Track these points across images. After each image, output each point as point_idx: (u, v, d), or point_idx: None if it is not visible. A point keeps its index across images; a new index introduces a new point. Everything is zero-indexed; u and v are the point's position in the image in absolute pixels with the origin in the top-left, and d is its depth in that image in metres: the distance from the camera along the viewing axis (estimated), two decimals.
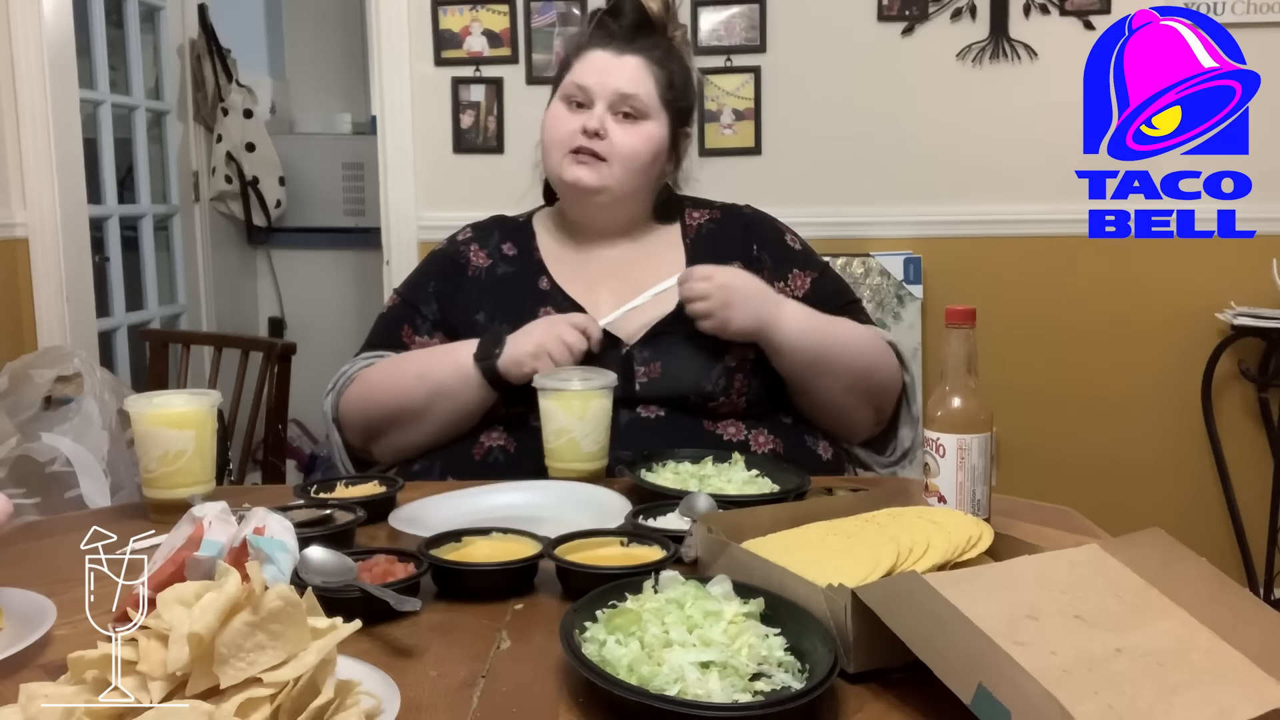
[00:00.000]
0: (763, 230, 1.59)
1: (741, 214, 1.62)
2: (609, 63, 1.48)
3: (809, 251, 1.60)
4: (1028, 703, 0.65)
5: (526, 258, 1.55)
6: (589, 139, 1.46)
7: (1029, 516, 1.16)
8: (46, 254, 2.66)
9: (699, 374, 1.42)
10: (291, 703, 0.62)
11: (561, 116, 1.49)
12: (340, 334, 3.70)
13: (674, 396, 1.42)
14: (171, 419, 1.20)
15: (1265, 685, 0.73)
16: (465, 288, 1.54)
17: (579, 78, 1.48)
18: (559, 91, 1.52)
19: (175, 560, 0.88)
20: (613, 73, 1.47)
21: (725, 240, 1.56)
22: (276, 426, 2.23)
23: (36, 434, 2.16)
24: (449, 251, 1.60)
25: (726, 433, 1.43)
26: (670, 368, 1.43)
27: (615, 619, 0.80)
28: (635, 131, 1.48)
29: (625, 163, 1.47)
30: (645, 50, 1.50)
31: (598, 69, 1.48)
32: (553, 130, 1.50)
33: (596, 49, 1.50)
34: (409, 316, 1.55)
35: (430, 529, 1.05)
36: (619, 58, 1.49)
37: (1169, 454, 2.61)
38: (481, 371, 1.39)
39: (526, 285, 1.52)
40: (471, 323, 1.50)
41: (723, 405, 1.43)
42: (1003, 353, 2.39)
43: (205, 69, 3.52)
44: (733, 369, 1.43)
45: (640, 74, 1.48)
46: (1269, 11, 2.46)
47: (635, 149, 1.47)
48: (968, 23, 2.56)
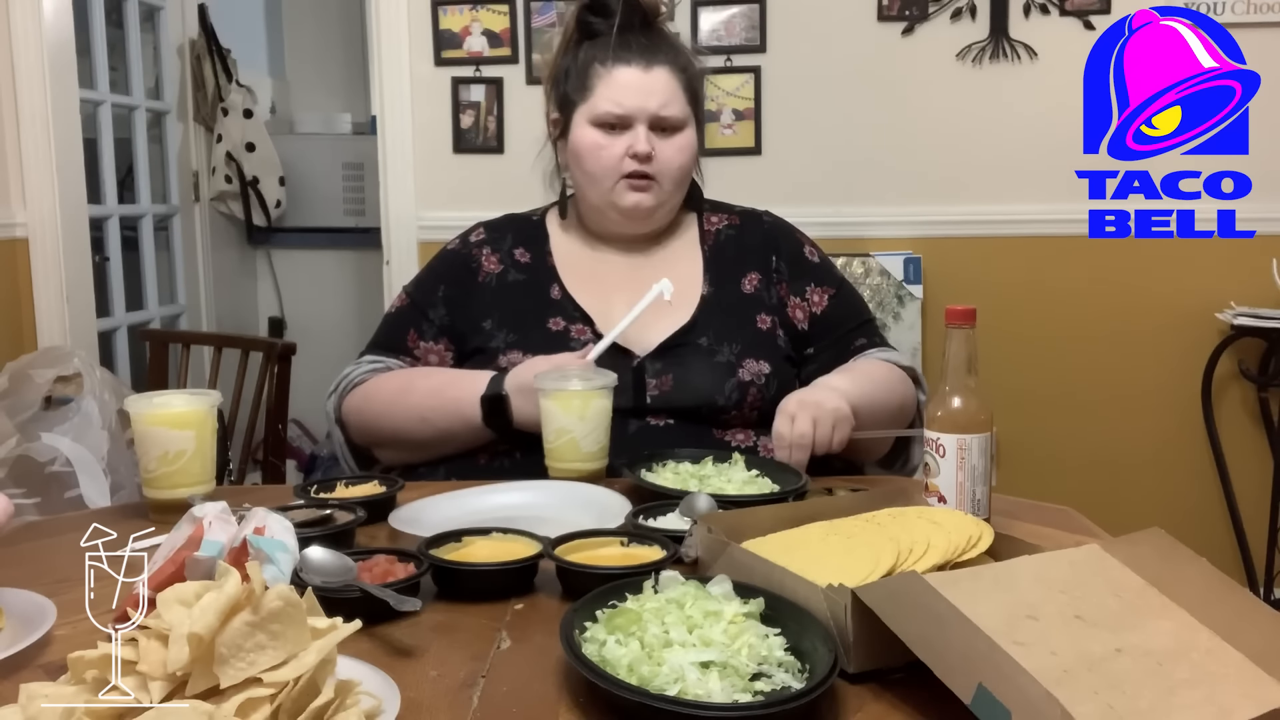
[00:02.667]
0: (782, 241, 1.57)
1: (761, 222, 1.60)
2: (640, 80, 1.45)
3: (828, 265, 1.59)
4: (1028, 703, 0.65)
5: (540, 264, 1.54)
6: (641, 163, 1.44)
7: (1029, 516, 1.16)
8: (46, 254, 2.66)
9: (713, 388, 1.41)
10: (291, 703, 0.62)
11: (602, 143, 1.46)
12: (340, 334, 3.70)
13: (685, 408, 1.42)
14: (171, 419, 1.19)
15: (1265, 685, 0.73)
16: (475, 294, 1.53)
17: (612, 101, 1.45)
18: (588, 114, 1.46)
19: (175, 560, 0.88)
20: (648, 92, 1.45)
21: (744, 250, 1.55)
22: (276, 426, 2.23)
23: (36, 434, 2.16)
24: (461, 253, 1.57)
25: (735, 439, 1.42)
26: (682, 380, 1.42)
27: (615, 619, 0.80)
28: (677, 145, 1.47)
29: (674, 178, 1.47)
30: (669, 59, 1.47)
31: (631, 89, 1.45)
32: (598, 159, 1.46)
33: (621, 65, 1.46)
34: (416, 321, 1.54)
35: (430, 529, 1.05)
36: (648, 73, 1.45)
37: (1169, 454, 2.61)
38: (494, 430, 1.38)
39: (537, 294, 1.51)
40: (479, 330, 1.50)
41: (734, 417, 1.43)
42: (1003, 353, 2.39)
43: (205, 69, 3.52)
44: (746, 384, 1.42)
45: (671, 87, 1.46)
46: (1269, 11, 2.46)
47: (681, 163, 1.47)
48: (968, 23, 2.56)
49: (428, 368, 1.52)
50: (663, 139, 1.46)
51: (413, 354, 1.53)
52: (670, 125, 1.46)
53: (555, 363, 1.35)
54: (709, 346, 1.44)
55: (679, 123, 1.47)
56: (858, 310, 1.58)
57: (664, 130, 1.46)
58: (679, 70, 1.48)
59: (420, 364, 1.53)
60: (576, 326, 1.48)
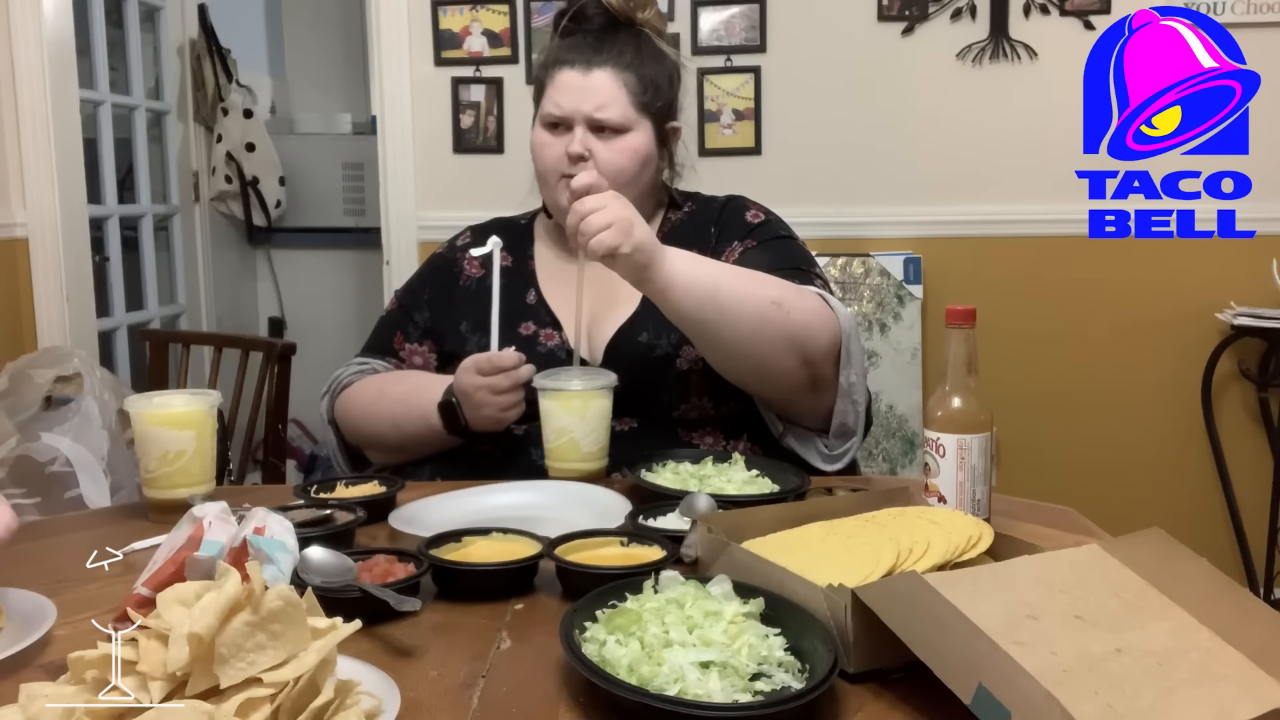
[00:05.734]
0: (727, 212, 1.53)
1: (716, 203, 1.56)
2: (577, 83, 1.44)
3: (769, 226, 1.51)
4: (1028, 703, 0.65)
5: (520, 268, 1.55)
6: (574, 164, 1.43)
7: (1029, 516, 1.16)
8: (46, 254, 2.66)
9: (655, 386, 1.41)
10: (291, 703, 0.62)
11: (546, 142, 1.46)
12: (340, 334, 3.70)
13: (641, 409, 1.41)
14: (171, 419, 1.20)
15: (1265, 685, 0.73)
16: (455, 297, 1.54)
17: (553, 101, 1.45)
18: (539, 115, 1.48)
19: (175, 560, 0.88)
20: (583, 94, 1.43)
21: (691, 232, 1.51)
22: (276, 426, 2.23)
23: (36, 434, 2.16)
24: (446, 257, 1.60)
25: (704, 443, 1.42)
26: (631, 381, 1.39)
27: (615, 619, 0.80)
28: (618, 147, 1.44)
29: (614, 179, 1.42)
30: (612, 58, 1.45)
31: (568, 91, 1.44)
32: (540, 158, 1.47)
33: (565, 68, 1.45)
34: (402, 323, 1.57)
35: (430, 529, 1.05)
36: (586, 75, 1.44)
37: (1169, 454, 2.61)
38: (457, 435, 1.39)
39: (514, 297, 1.51)
40: (456, 333, 1.51)
41: (690, 411, 1.42)
42: (1003, 353, 2.39)
43: (205, 69, 3.52)
44: (685, 372, 1.41)
45: (610, 88, 1.43)
46: (1269, 11, 2.46)
47: (620, 165, 1.44)
48: (968, 23, 2.56)
49: (401, 373, 1.54)
50: (602, 140, 1.44)
51: (399, 356, 1.56)
52: (610, 127, 1.44)
53: (470, 362, 1.34)
54: (649, 341, 1.43)
55: (620, 125, 1.44)
56: (788, 257, 1.45)
57: (603, 131, 1.44)
58: (625, 69, 1.45)
59: (406, 366, 1.56)
60: (546, 331, 1.48)
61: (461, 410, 1.36)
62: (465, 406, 1.35)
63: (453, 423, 1.38)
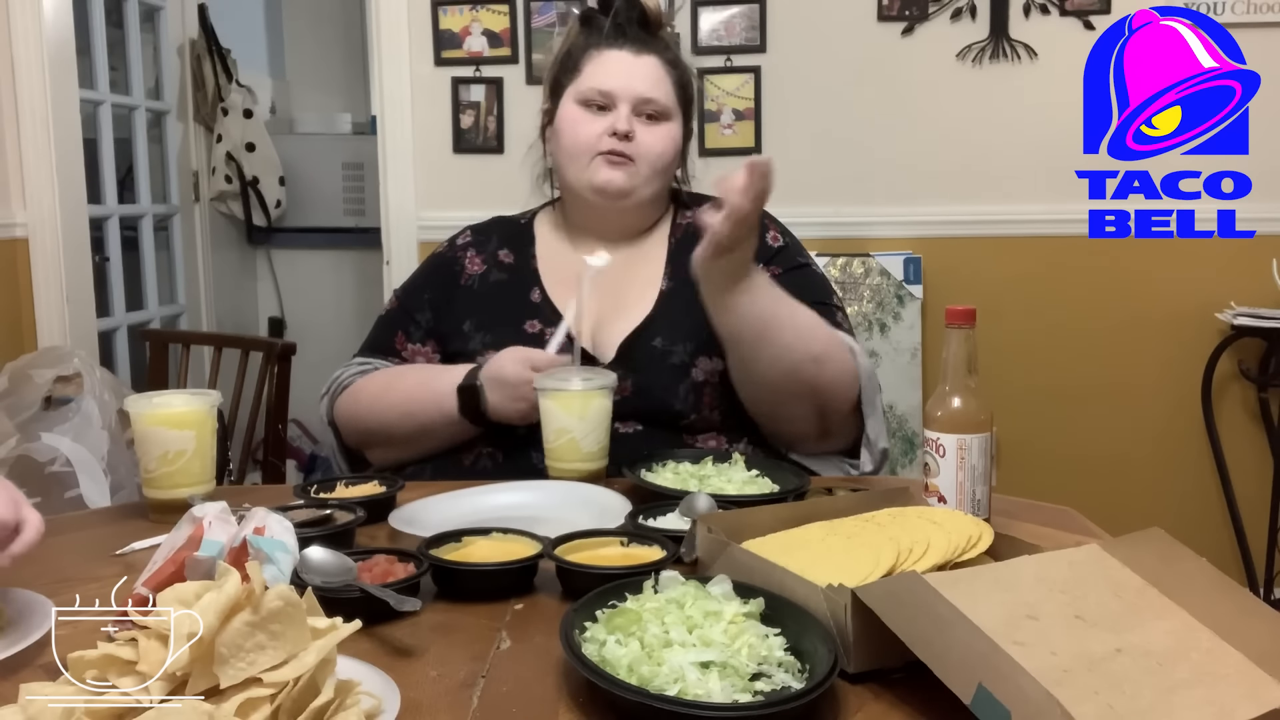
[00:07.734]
0: None
1: None
2: (629, 64, 1.45)
3: (790, 251, 1.52)
4: (1028, 703, 0.65)
5: (523, 266, 1.54)
6: (619, 141, 1.43)
7: (1029, 516, 1.16)
8: (46, 254, 2.66)
9: (667, 392, 1.41)
10: (291, 703, 0.62)
11: (583, 119, 1.45)
12: (340, 334, 3.69)
13: (648, 413, 1.41)
14: (171, 419, 1.19)
15: (1265, 685, 0.73)
16: (458, 297, 1.54)
17: (598, 80, 1.45)
18: (574, 94, 1.47)
19: (175, 560, 0.88)
20: (634, 74, 1.45)
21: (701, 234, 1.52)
22: (276, 426, 2.23)
23: (36, 434, 2.16)
24: (447, 257, 1.59)
25: (707, 446, 1.41)
26: (640, 386, 1.40)
27: (615, 619, 0.80)
28: (660, 132, 1.45)
29: (653, 164, 1.45)
30: (660, 50, 1.48)
31: (618, 71, 1.45)
32: (575, 135, 1.45)
33: (612, 49, 1.46)
34: (403, 323, 1.56)
35: (430, 529, 1.05)
36: (637, 58, 1.46)
37: (1169, 454, 2.62)
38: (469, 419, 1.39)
39: (518, 296, 1.51)
40: (459, 332, 1.51)
41: (697, 421, 1.42)
42: (1003, 353, 2.39)
43: (205, 69, 3.52)
44: (701, 384, 1.41)
45: (659, 75, 1.46)
46: (1269, 11, 2.46)
47: (662, 149, 1.45)
48: (968, 23, 2.56)
49: (408, 365, 1.54)
50: (645, 125, 1.45)
51: (400, 356, 1.55)
52: (655, 112, 1.45)
53: (524, 354, 1.35)
54: (663, 348, 1.43)
55: (663, 110, 1.46)
56: (812, 289, 1.46)
57: (648, 117, 1.45)
58: (670, 64, 1.48)
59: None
60: (551, 329, 1.48)
61: (484, 395, 1.36)
62: (495, 393, 1.35)
63: (471, 406, 1.37)
